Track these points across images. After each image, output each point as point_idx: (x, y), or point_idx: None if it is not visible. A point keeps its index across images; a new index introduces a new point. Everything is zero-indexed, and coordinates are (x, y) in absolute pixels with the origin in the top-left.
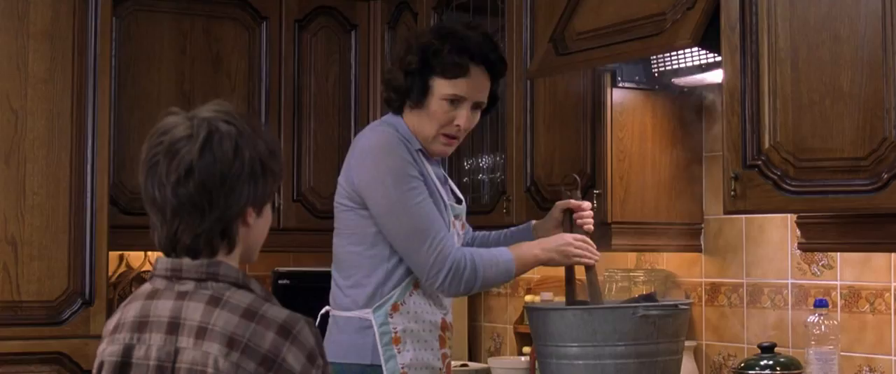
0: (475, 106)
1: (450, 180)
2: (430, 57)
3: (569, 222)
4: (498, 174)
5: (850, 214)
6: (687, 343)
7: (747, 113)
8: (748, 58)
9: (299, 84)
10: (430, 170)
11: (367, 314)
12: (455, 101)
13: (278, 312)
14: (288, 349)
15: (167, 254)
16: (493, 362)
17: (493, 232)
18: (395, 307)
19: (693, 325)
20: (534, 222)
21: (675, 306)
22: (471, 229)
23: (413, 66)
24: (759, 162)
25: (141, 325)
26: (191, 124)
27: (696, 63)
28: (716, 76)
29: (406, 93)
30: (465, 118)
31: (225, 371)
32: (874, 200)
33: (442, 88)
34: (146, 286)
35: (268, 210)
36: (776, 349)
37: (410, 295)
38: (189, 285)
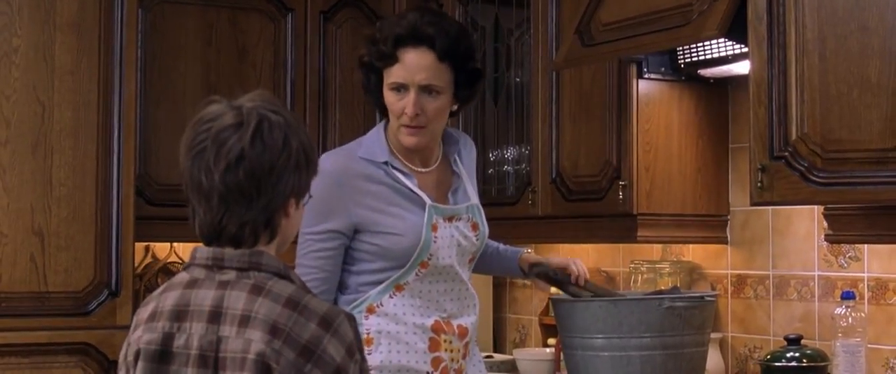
0: (426, 90)
1: (463, 178)
2: (371, 48)
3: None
4: (523, 165)
5: (877, 205)
6: (713, 335)
7: (774, 104)
8: (775, 49)
9: (325, 76)
10: (402, 177)
11: None
12: (399, 89)
13: (320, 304)
14: (328, 341)
15: (208, 242)
16: (518, 353)
17: (491, 244)
18: (370, 309)
19: (719, 317)
20: (525, 252)
21: (702, 297)
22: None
23: (364, 60)
24: (787, 153)
25: (180, 314)
26: (238, 113)
27: (723, 54)
28: (743, 67)
29: (367, 90)
30: (411, 105)
31: (267, 358)
32: None
33: (386, 78)
34: (183, 275)
35: (302, 205)
36: (803, 342)
37: (390, 298)
38: (231, 275)
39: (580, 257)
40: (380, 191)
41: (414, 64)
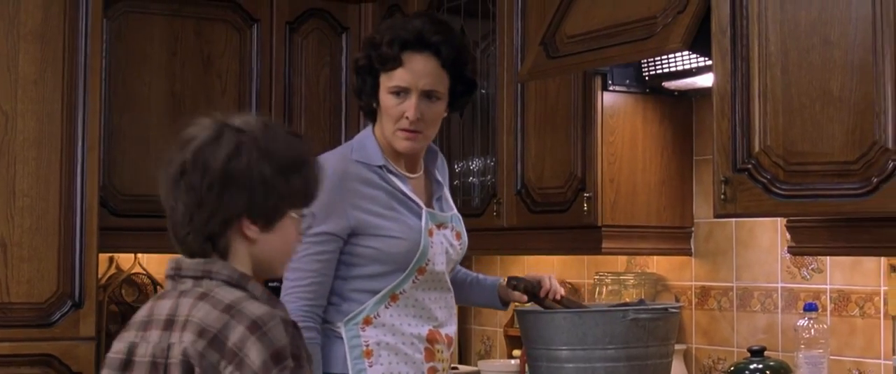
0: (428, 95)
1: (443, 187)
2: (371, 52)
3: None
4: (488, 177)
5: (839, 217)
6: (677, 347)
7: (737, 117)
8: (739, 61)
9: (290, 86)
10: (397, 181)
11: (337, 327)
12: (400, 93)
13: (258, 308)
14: (252, 344)
15: (180, 252)
16: (483, 365)
17: (464, 271)
18: (367, 321)
19: (683, 328)
20: (502, 281)
21: (666, 309)
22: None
23: (361, 63)
24: (750, 166)
25: (146, 324)
26: (205, 125)
27: (687, 67)
28: (706, 80)
29: (361, 93)
30: (412, 109)
31: (191, 358)
32: (864, 204)
33: (385, 81)
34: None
35: (284, 228)
36: (766, 353)
37: (386, 308)
38: (187, 284)
39: (545, 269)
40: (377, 194)
41: (418, 69)
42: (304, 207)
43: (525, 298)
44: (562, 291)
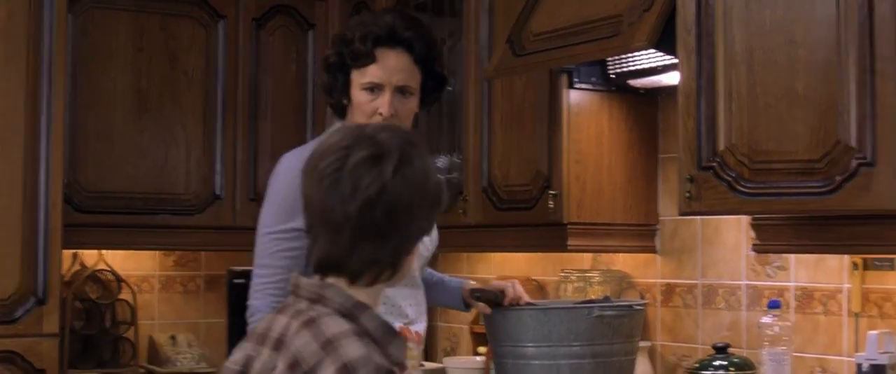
0: (401, 91)
1: None
2: (342, 48)
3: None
4: (455, 174)
5: (803, 216)
6: (642, 344)
7: (703, 115)
8: (704, 60)
9: (256, 83)
10: None
11: None
12: (373, 89)
13: (355, 350)
14: None
15: (321, 273)
16: (448, 362)
17: (429, 272)
18: None
19: (648, 325)
20: (466, 284)
21: (630, 306)
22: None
23: (331, 60)
24: (714, 164)
25: (262, 338)
26: (376, 144)
27: (653, 65)
28: (672, 78)
29: (332, 90)
30: (386, 105)
31: None
32: (828, 202)
33: (357, 78)
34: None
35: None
36: (730, 350)
37: None
38: (303, 305)
39: (511, 266)
40: None
41: (395, 65)
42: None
43: (489, 310)
44: (526, 297)
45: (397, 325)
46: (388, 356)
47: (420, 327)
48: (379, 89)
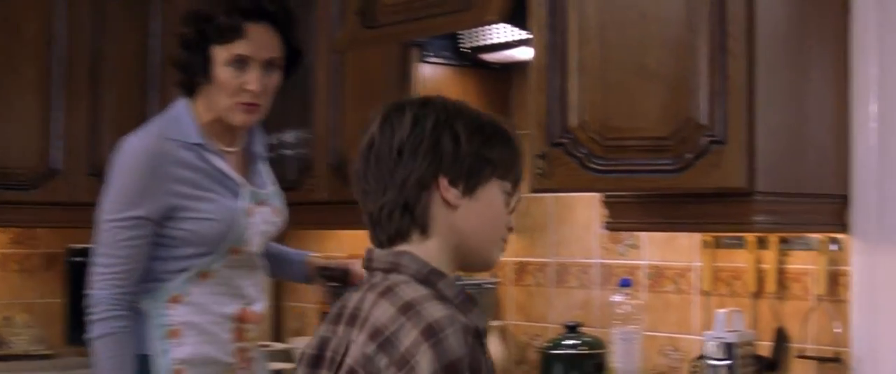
0: (267, 65)
1: (261, 162)
2: (203, 25)
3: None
4: (304, 150)
5: (654, 193)
6: (494, 323)
7: (554, 91)
8: (556, 35)
9: (98, 52)
10: (216, 159)
11: (145, 306)
12: (240, 63)
13: (438, 311)
14: (424, 352)
15: (373, 234)
16: (296, 342)
17: (269, 244)
18: (175, 298)
19: (500, 305)
20: (308, 258)
21: (480, 285)
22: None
23: (189, 37)
24: (566, 141)
25: (337, 317)
26: (390, 106)
27: (506, 40)
28: (525, 53)
29: (189, 68)
30: (256, 80)
31: (357, 364)
32: (678, 180)
33: (221, 54)
34: None
35: (490, 198)
36: (582, 329)
37: (196, 286)
38: (377, 277)
39: (361, 244)
40: (193, 176)
41: (263, 38)
42: (510, 180)
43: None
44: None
45: (236, 307)
46: None
47: (258, 306)
48: (245, 64)
